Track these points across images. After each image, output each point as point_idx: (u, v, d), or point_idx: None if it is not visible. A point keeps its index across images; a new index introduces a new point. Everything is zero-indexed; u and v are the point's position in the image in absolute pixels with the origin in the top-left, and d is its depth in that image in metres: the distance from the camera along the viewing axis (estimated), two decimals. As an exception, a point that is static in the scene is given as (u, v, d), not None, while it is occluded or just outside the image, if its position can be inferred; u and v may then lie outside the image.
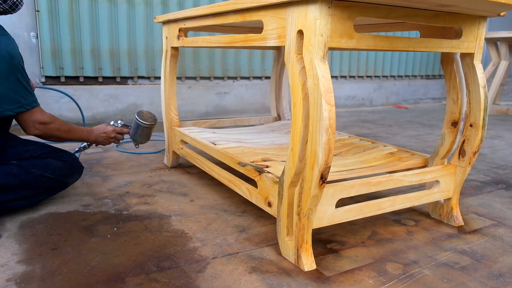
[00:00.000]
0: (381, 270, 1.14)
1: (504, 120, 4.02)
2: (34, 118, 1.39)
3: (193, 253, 1.21)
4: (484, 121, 1.32)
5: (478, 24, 1.27)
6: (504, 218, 1.54)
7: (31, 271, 1.09)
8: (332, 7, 0.96)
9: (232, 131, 2.08)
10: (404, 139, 2.98)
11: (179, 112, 3.56)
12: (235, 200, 1.64)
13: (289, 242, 1.17)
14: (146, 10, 3.39)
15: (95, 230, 1.34)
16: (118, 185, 1.80)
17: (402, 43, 1.13)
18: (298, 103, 1.04)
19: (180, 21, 1.74)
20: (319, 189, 1.05)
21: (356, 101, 4.76)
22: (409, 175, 1.34)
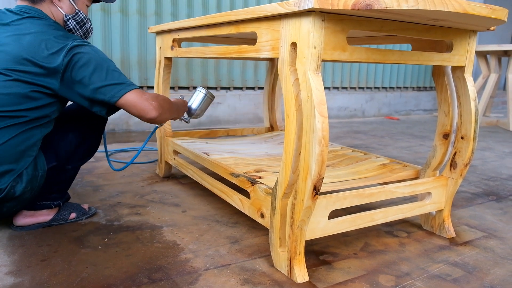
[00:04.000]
0: (373, 282, 1.14)
1: (494, 132, 4.06)
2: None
3: (185, 264, 1.20)
4: (475, 133, 1.33)
5: (469, 38, 1.29)
6: (495, 229, 1.55)
7: (20, 283, 1.07)
8: (326, 20, 0.97)
9: (225, 141, 2.08)
10: (396, 150, 3.00)
11: (171, 122, 3.55)
12: (227, 211, 1.64)
13: (282, 253, 1.16)
14: (139, 20, 3.40)
15: (85, 241, 1.33)
16: (109, 195, 1.78)
17: (394, 56, 1.15)
18: (292, 115, 1.05)
19: (174, 31, 1.74)
20: (312, 200, 1.05)
21: (348, 112, 4.79)
22: (401, 186, 1.34)
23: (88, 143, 1.46)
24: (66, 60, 1.18)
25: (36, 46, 1.17)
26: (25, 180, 1.24)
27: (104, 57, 1.25)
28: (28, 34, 1.19)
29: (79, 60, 1.19)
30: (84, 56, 1.20)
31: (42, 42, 1.18)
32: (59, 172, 1.40)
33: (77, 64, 1.19)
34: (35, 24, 1.22)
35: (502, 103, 6.19)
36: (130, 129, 3.47)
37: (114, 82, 1.22)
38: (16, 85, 1.17)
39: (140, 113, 1.24)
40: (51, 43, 1.19)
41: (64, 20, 1.35)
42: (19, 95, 1.17)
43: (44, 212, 1.42)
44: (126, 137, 3.16)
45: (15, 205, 1.27)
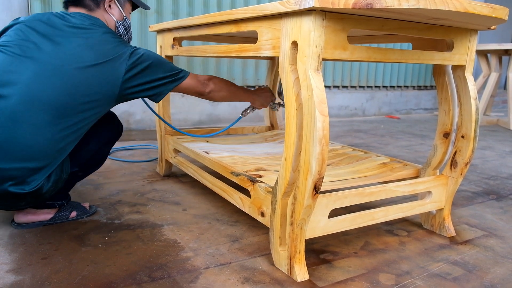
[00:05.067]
0: (373, 281, 1.14)
1: (494, 131, 4.06)
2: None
3: (185, 263, 1.20)
4: (475, 132, 1.33)
5: (469, 37, 1.29)
6: (495, 229, 1.55)
7: (21, 281, 1.07)
8: (326, 19, 0.97)
9: (225, 140, 2.08)
10: (396, 149, 3.00)
11: (172, 121, 3.55)
12: (228, 210, 1.64)
13: (282, 252, 1.17)
14: (140, 19, 3.40)
15: (86, 239, 1.33)
16: (110, 193, 1.78)
17: (395, 55, 1.15)
18: (292, 114, 1.05)
19: (175, 30, 1.74)
20: (313, 199, 1.05)
21: (348, 111, 4.79)
22: (401, 185, 1.34)
23: (102, 152, 1.51)
24: (129, 63, 1.27)
25: (103, 54, 1.24)
26: (52, 180, 1.25)
27: (158, 55, 1.38)
28: (97, 44, 1.25)
29: (141, 62, 1.30)
30: (143, 57, 1.31)
31: (108, 49, 1.26)
32: (73, 177, 1.43)
33: (140, 65, 1.30)
34: (101, 33, 1.29)
35: (502, 102, 6.18)
36: (131, 127, 3.47)
37: (174, 71, 1.39)
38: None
39: (197, 92, 1.48)
40: (115, 49, 1.27)
41: (116, 26, 1.46)
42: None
43: (45, 211, 1.42)
44: (127, 136, 3.16)
45: (34, 201, 1.28)
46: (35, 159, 1.18)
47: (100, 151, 1.49)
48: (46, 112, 1.17)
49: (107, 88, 1.26)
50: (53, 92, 1.18)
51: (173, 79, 1.39)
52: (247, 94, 1.68)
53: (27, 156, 1.16)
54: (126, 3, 1.48)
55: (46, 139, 1.19)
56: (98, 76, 1.23)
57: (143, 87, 1.33)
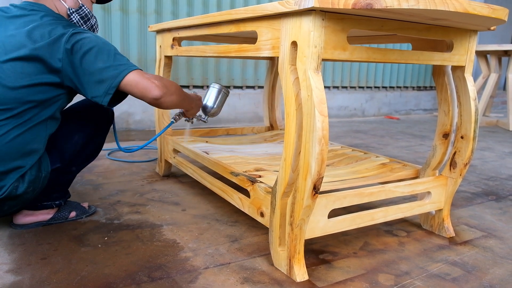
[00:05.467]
0: (373, 281, 1.14)
1: (494, 132, 4.06)
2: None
3: (184, 263, 1.20)
4: (475, 133, 1.33)
5: (469, 38, 1.29)
6: (494, 229, 1.55)
7: (20, 281, 1.07)
8: (326, 19, 0.97)
9: (224, 140, 2.08)
10: (396, 150, 3.00)
11: (171, 120, 3.55)
12: (227, 210, 1.64)
13: (282, 252, 1.17)
14: (139, 19, 3.40)
15: (85, 240, 1.33)
16: (109, 193, 1.78)
17: (395, 55, 1.15)
18: (292, 114, 1.05)
19: (174, 30, 1.74)
20: (312, 199, 1.05)
21: (348, 111, 4.79)
22: (401, 186, 1.34)
23: (93, 144, 1.46)
24: (67, 46, 1.16)
25: (40, 36, 1.16)
26: (27, 181, 1.23)
27: (105, 41, 1.23)
28: (35, 27, 1.17)
29: (81, 46, 1.17)
30: (85, 40, 1.18)
31: (45, 31, 1.17)
32: (63, 173, 1.40)
33: (79, 50, 1.17)
34: (40, 17, 1.21)
35: (502, 103, 6.19)
36: (130, 128, 3.47)
37: (116, 63, 1.19)
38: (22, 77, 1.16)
39: (143, 92, 1.20)
40: (53, 30, 1.17)
41: (68, 14, 1.33)
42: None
43: (44, 211, 1.42)
44: (126, 136, 3.16)
45: (16, 204, 1.27)
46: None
47: (90, 143, 1.43)
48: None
49: (47, 76, 1.16)
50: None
51: (114, 73, 1.18)
52: (190, 101, 1.48)
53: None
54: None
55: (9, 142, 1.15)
56: (34, 64, 1.15)
57: (81, 80, 1.19)
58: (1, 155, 1.17)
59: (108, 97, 1.19)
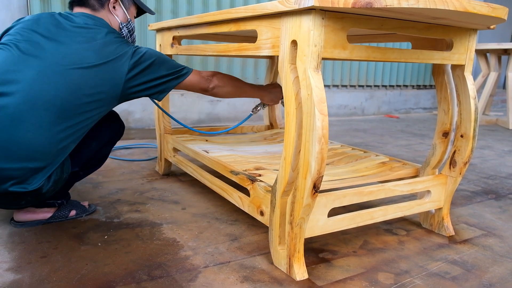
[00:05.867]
0: (372, 280, 1.14)
1: (493, 131, 4.07)
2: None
3: (184, 261, 1.21)
4: (474, 131, 1.33)
5: (469, 37, 1.29)
6: (494, 228, 1.55)
7: (20, 280, 1.07)
8: (326, 18, 0.97)
9: (224, 139, 2.08)
10: (396, 149, 3.00)
11: (171, 120, 3.55)
12: (227, 209, 1.64)
13: (281, 251, 1.17)
14: (139, 17, 3.40)
15: (85, 238, 1.33)
16: (109, 192, 1.78)
17: (394, 54, 1.15)
18: (291, 113, 1.05)
19: (174, 29, 1.74)
20: (312, 198, 1.05)
21: (348, 110, 4.79)
22: (400, 184, 1.34)
23: (103, 152, 1.51)
24: (132, 61, 1.28)
25: (107, 54, 1.25)
26: (53, 180, 1.25)
27: (161, 53, 1.38)
28: (103, 43, 1.26)
29: (144, 60, 1.30)
30: (146, 55, 1.31)
31: (112, 48, 1.26)
32: (73, 176, 1.42)
33: (143, 63, 1.30)
34: (105, 33, 1.29)
35: (501, 101, 6.19)
36: (130, 126, 3.47)
37: (177, 69, 1.39)
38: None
39: (201, 88, 1.46)
40: (119, 48, 1.28)
41: (120, 27, 1.46)
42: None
43: (44, 209, 1.42)
44: (126, 134, 3.16)
45: (34, 200, 1.28)
46: (36, 159, 1.17)
47: (101, 151, 1.49)
48: (48, 112, 1.17)
49: (110, 87, 1.26)
50: (56, 92, 1.17)
51: (176, 76, 1.39)
52: (254, 90, 1.64)
53: (28, 156, 1.16)
54: (131, 6, 1.49)
55: (48, 139, 1.18)
56: (101, 76, 1.23)
57: (146, 85, 1.33)
58: (46, 152, 1.19)
59: (164, 94, 1.39)
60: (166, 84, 1.37)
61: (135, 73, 1.29)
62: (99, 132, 1.46)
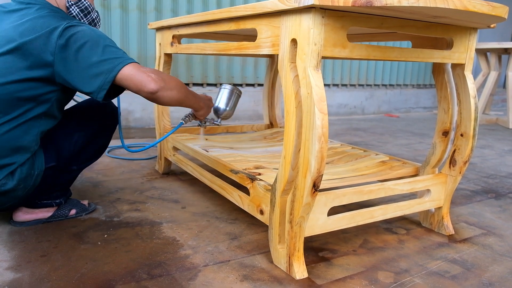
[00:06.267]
0: (372, 279, 1.14)
1: (493, 130, 4.06)
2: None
3: (184, 260, 1.21)
4: (474, 130, 1.33)
5: (469, 36, 1.29)
6: (494, 227, 1.55)
7: (20, 278, 1.07)
8: (326, 16, 0.97)
9: (224, 138, 2.08)
10: (396, 148, 3.00)
11: (171, 119, 3.55)
12: (227, 207, 1.64)
13: (281, 250, 1.17)
14: (139, 16, 3.39)
15: (85, 237, 1.33)
16: (109, 191, 1.78)
17: (395, 53, 1.15)
18: (291, 111, 1.05)
19: (174, 28, 1.74)
20: (312, 197, 1.05)
21: (348, 109, 4.79)
22: (400, 183, 1.34)
23: (97, 144, 1.45)
24: (61, 41, 1.12)
25: (31, 30, 1.13)
26: (18, 178, 1.22)
27: (101, 34, 1.18)
28: (28, 21, 1.15)
29: (75, 41, 1.13)
30: (79, 34, 1.14)
31: (37, 24, 1.13)
32: (63, 172, 1.39)
33: (73, 45, 1.13)
34: (35, 10, 1.18)
35: (502, 101, 6.19)
36: (130, 126, 3.47)
37: (112, 56, 1.15)
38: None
39: (138, 86, 1.15)
40: (46, 23, 1.13)
41: (67, 6, 1.30)
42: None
43: (44, 209, 1.42)
44: (126, 134, 3.16)
45: (7, 200, 1.25)
46: None
47: (92, 143, 1.42)
48: None
49: (37, 71, 1.13)
50: None
51: (109, 67, 1.13)
52: (197, 100, 1.41)
53: None
54: None
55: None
56: (21, 57, 1.11)
57: (75, 76, 1.14)
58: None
59: (102, 92, 1.15)
60: (100, 79, 1.13)
61: (64, 56, 1.12)
62: (82, 124, 1.37)
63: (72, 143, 1.36)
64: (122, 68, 1.14)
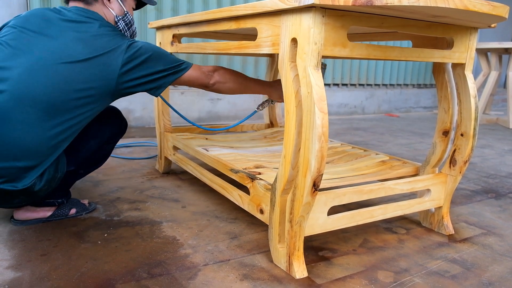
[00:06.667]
0: (372, 278, 1.14)
1: (494, 130, 4.06)
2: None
3: (184, 259, 1.21)
4: (474, 130, 1.33)
5: (470, 35, 1.29)
6: (493, 227, 1.55)
7: (20, 277, 1.07)
8: (326, 16, 0.97)
9: (224, 137, 2.08)
10: (396, 147, 3.00)
11: (171, 118, 3.55)
12: (227, 207, 1.64)
13: (281, 249, 1.17)
14: (139, 15, 3.39)
15: (85, 236, 1.33)
16: (109, 190, 1.78)
17: (395, 52, 1.15)
18: (291, 111, 1.05)
19: (174, 27, 1.74)
20: (312, 196, 1.05)
21: (348, 108, 4.79)
22: (400, 183, 1.34)
23: (104, 151, 1.50)
24: (127, 55, 1.23)
25: (100, 48, 1.21)
26: (45, 179, 1.23)
27: (158, 47, 1.34)
28: (96, 36, 1.22)
29: (140, 54, 1.26)
30: (142, 49, 1.27)
31: (104, 41, 1.22)
32: (72, 175, 1.42)
33: (139, 57, 1.25)
34: (98, 26, 1.26)
35: (502, 100, 6.19)
36: (130, 125, 3.47)
37: (175, 64, 1.33)
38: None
39: (201, 84, 1.40)
40: (113, 41, 1.24)
41: (115, 21, 1.41)
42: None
43: (45, 208, 1.42)
44: (126, 133, 3.15)
45: (28, 199, 1.27)
46: (26, 157, 1.16)
47: (101, 149, 1.48)
48: (35, 109, 1.15)
49: (102, 83, 1.22)
50: (43, 88, 1.15)
51: (173, 72, 1.33)
52: (260, 86, 1.55)
53: (16, 155, 1.14)
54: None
55: (37, 137, 1.16)
56: (92, 70, 1.20)
57: (141, 80, 1.28)
58: (36, 151, 1.17)
59: (161, 90, 1.34)
60: (163, 80, 1.32)
61: (129, 68, 1.24)
62: (98, 130, 1.44)
63: (88, 148, 1.42)
64: (186, 72, 1.35)
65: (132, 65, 1.25)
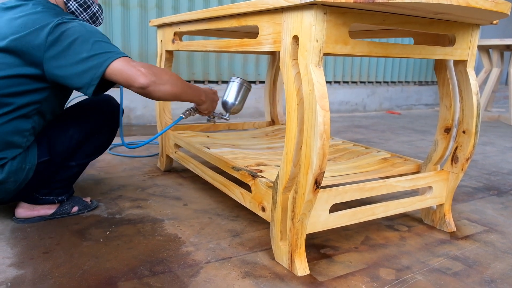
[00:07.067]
0: (374, 276, 1.14)
1: (495, 127, 4.06)
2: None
3: (186, 257, 1.21)
4: (476, 127, 1.33)
5: (471, 32, 1.29)
6: (495, 224, 1.55)
7: (22, 275, 1.07)
8: (328, 13, 0.97)
9: (226, 135, 2.08)
10: (397, 145, 3.00)
11: (173, 116, 3.55)
12: (228, 204, 1.64)
13: (283, 247, 1.17)
14: (140, 13, 3.39)
15: (87, 234, 1.33)
16: (111, 188, 1.79)
17: (396, 49, 1.14)
18: (293, 108, 1.05)
19: (175, 25, 1.74)
20: (313, 194, 1.05)
21: (349, 106, 4.78)
22: (402, 180, 1.34)
23: (97, 140, 1.43)
24: (51, 38, 1.11)
25: (23, 26, 1.12)
26: (7, 171, 1.22)
27: (92, 30, 1.17)
28: (21, 17, 1.14)
29: (65, 37, 1.11)
30: (70, 31, 1.12)
31: (29, 21, 1.13)
32: (61, 168, 1.39)
33: (64, 41, 1.12)
34: (30, 6, 1.17)
35: (504, 97, 6.17)
36: (131, 123, 3.47)
37: (101, 51, 1.13)
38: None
39: (128, 80, 1.13)
40: (38, 20, 1.13)
41: (64, 1, 1.28)
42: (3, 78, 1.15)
43: (46, 206, 1.42)
44: (127, 131, 3.16)
45: (3, 193, 1.25)
46: None
47: (90, 139, 1.40)
48: None
49: (26, 68, 1.12)
50: None
51: (98, 62, 1.12)
52: (196, 93, 1.38)
53: None
54: None
55: None
56: (11, 54, 1.11)
57: (66, 71, 1.13)
58: None
59: (91, 88, 1.14)
60: (89, 74, 1.11)
61: (54, 53, 1.11)
62: (80, 120, 1.35)
63: (67, 138, 1.34)
64: (111, 62, 1.13)
65: (55, 50, 1.11)
